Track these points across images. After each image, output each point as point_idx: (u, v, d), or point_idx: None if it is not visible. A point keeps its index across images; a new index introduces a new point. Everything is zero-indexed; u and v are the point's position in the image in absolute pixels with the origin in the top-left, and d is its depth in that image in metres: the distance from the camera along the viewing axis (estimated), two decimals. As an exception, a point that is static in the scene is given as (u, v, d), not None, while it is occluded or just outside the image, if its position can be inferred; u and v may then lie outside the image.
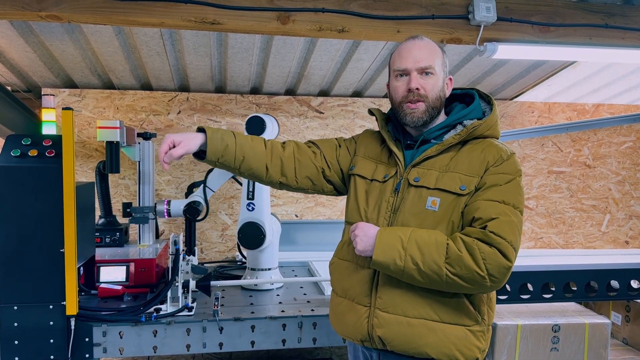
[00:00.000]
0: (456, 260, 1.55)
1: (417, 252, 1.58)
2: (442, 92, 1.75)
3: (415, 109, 1.71)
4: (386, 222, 1.71)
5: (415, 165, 1.72)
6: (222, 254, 3.60)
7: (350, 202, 1.87)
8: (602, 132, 4.00)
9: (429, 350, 1.63)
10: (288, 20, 2.25)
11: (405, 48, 1.75)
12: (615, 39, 2.52)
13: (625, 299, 2.88)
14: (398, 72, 1.74)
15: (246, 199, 2.78)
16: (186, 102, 3.51)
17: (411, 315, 1.65)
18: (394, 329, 1.65)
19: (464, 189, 1.64)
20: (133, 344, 2.31)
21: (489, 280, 1.55)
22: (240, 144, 1.84)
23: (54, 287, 2.20)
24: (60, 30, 2.67)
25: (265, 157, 1.88)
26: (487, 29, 2.41)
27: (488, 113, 1.78)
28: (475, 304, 1.67)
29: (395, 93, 1.76)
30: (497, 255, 1.54)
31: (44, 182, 2.19)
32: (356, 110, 3.69)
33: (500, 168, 1.65)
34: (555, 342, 2.64)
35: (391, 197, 1.73)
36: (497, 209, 1.59)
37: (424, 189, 1.68)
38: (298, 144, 1.96)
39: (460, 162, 1.69)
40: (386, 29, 2.36)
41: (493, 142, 1.73)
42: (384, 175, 1.78)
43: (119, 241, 3.05)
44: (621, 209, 4.06)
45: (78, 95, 3.40)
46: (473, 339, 1.66)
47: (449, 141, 1.71)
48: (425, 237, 1.60)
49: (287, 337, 2.41)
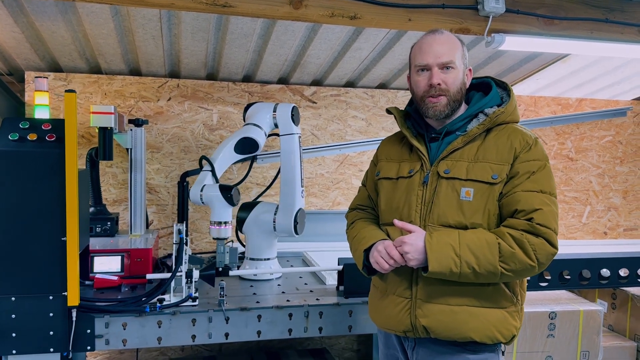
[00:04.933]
0: (510, 257, 1.60)
1: (471, 257, 1.61)
2: (462, 85, 1.78)
3: (437, 103, 1.74)
4: (418, 215, 1.74)
5: (443, 158, 1.74)
6: (213, 244, 3.53)
7: (382, 204, 1.89)
8: (584, 126, 4.11)
9: (473, 335, 1.68)
10: (300, 5, 2.22)
11: (425, 43, 1.77)
12: (615, 33, 2.59)
13: (615, 286, 2.98)
14: (419, 67, 1.77)
15: (300, 186, 2.79)
16: (177, 89, 3.42)
17: (454, 303, 1.69)
18: (438, 317, 1.69)
19: (495, 177, 1.67)
20: (137, 335, 2.24)
21: (538, 267, 1.63)
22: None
23: (55, 278, 2.12)
24: (53, 10, 2.55)
25: None
26: (495, 21, 2.44)
27: (506, 99, 1.81)
28: (511, 287, 1.74)
29: (416, 87, 1.79)
30: (545, 245, 1.61)
31: (45, 168, 2.10)
32: (349, 101, 3.68)
33: (530, 155, 1.69)
34: (551, 329, 2.71)
35: (420, 191, 1.75)
36: (538, 200, 1.64)
37: (456, 180, 1.71)
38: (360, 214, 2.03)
39: (488, 151, 1.71)
40: (397, 17, 2.36)
41: (516, 127, 1.77)
42: (409, 170, 1.81)
43: (110, 231, 2.95)
44: (600, 201, 4.19)
45: (64, 79, 3.26)
46: (510, 319, 1.73)
47: (473, 132, 1.74)
48: (475, 240, 1.63)
49: (293, 327, 2.39)
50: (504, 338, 1.72)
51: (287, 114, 2.78)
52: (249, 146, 2.74)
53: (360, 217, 2.00)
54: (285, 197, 2.78)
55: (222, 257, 2.60)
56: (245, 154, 2.76)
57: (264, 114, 2.81)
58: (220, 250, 2.61)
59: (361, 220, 1.98)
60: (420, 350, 1.78)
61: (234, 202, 2.60)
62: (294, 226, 2.73)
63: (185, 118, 3.44)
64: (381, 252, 1.72)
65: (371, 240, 1.79)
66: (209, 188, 2.61)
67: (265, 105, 2.85)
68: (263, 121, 2.79)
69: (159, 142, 3.42)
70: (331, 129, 3.68)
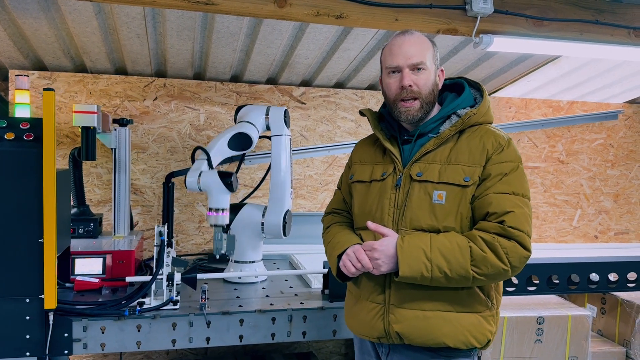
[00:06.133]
0: (482, 261, 1.58)
1: (442, 261, 1.58)
2: (434, 86, 1.76)
3: (410, 107, 1.72)
4: (391, 218, 1.72)
5: (416, 161, 1.72)
6: (199, 246, 3.49)
7: (355, 208, 1.87)
8: (576, 129, 4.08)
9: (447, 340, 1.65)
10: (285, 4, 2.18)
11: (395, 44, 1.74)
12: (605, 35, 2.56)
13: (604, 291, 2.95)
14: (390, 68, 1.74)
15: (290, 187, 2.76)
16: (163, 88, 3.38)
17: (427, 308, 1.66)
18: (412, 323, 1.66)
19: (467, 180, 1.65)
20: (115, 339, 2.20)
21: (512, 271, 1.60)
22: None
23: (32, 280, 2.07)
24: (35, 7, 2.51)
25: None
26: (483, 21, 2.41)
27: (479, 100, 1.79)
28: (486, 290, 1.71)
29: (388, 90, 1.76)
30: (517, 248, 1.58)
31: (23, 168, 2.05)
32: (338, 102, 3.64)
33: (502, 156, 1.67)
34: (539, 334, 2.68)
35: (392, 194, 1.73)
36: (510, 202, 1.61)
37: (428, 183, 1.68)
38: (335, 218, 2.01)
39: (461, 153, 1.69)
40: (384, 16, 2.32)
41: (489, 128, 1.75)
42: (382, 173, 1.78)
43: (93, 232, 2.90)
44: (591, 205, 4.16)
45: (48, 78, 3.21)
46: (485, 324, 1.70)
47: (445, 133, 1.72)
48: (447, 244, 1.60)
49: (276, 331, 2.34)
50: (478, 343, 1.68)
51: (279, 116, 2.77)
52: (243, 142, 2.69)
53: (336, 221, 1.97)
54: (274, 197, 2.75)
55: (219, 244, 2.53)
56: (238, 150, 2.72)
57: (257, 114, 2.79)
58: (218, 238, 2.54)
59: (336, 224, 1.94)
60: (394, 357, 1.75)
61: (233, 188, 2.54)
62: (283, 227, 2.69)
63: (172, 118, 3.40)
64: (350, 256, 1.70)
65: (345, 245, 1.76)
66: (208, 174, 2.54)
67: (258, 107, 2.83)
68: (257, 121, 2.77)
69: (145, 142, 3.37)
70: (320, 130, 3.65)
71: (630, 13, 2.60)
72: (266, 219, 2.70)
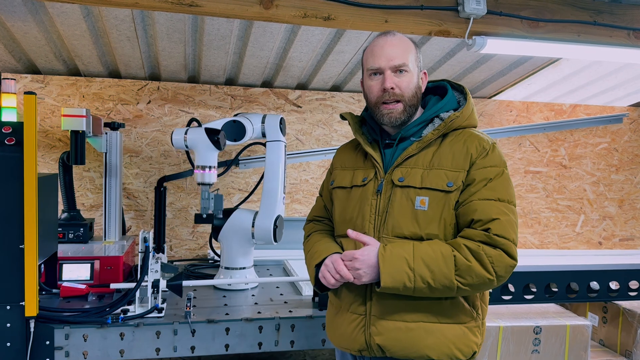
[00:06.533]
0: (466, 270, 1.52)
1: (425, 271, 1.52)
2: (417, 89, 1.70)
3: (393, 110, 1.66)
4: (372, 225, 1.66)
5: (398, 165, 1.66)
6: (193, 251, 3.45)
7: (336, 215, 1.81)
8: (579, 133, 4.00)
9: (430, 352, 1.59)
10: (271, 5, 2.13)
11: (377, 45, 1.69)
12: (603, 36, 2.49)
13: (604, 300, 2.86)
14: (372, 70, 1.69)
15: (282, 193, 2.72)
16: (157, 92, 3.35)
17: (409, 319, 1.60)
18: (393, 335, 1.60)
19: (451, 185, 1.59)
20: (98, 348, 2.15)
21: (497, 281, 1.54)
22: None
23: (12, 287, 2.04)
24: (22, 10, 2.48)
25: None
26: (476, 23, 2.34)
27: (463, 103, 1.73)
28: (470, 300, 1.65)
29: (370, 93, 1.70)
30: (503, 257, 1.52)
31: (4, 173, 2.02)
32: (335, 105, 3.59)
33: (487, 161, 1.61)
34: (536, 344, 2.60)
35: (374, 200, 1.67)
36: (496, 209, 1.55)
37: (411, 188, 1.62)
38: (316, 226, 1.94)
39: (444, 157, 1.63)
40: (374, 18, 2.27)
41: (473, 132, 1.69)
42: (363, 178, 1.72)
43: (83, 237, 2.88)
44: (595, 210, 4.07)
45: (41, 81, 3.19)
46: (470, 335, 1.63)
47: (428, 137, 1.67)
48: (430, 253, 1.54)
49: (263, 340, 2.29)
50: (463, 355, 1.61)
51: (275, 123, 2.74)
52: (236, 130, 2.64)
53: (316, 229, 1.91)
54: (266, 203, 2.71)
55: (206, 203, 2.47)
56: (230, 138, 2.66)
57: (255, 118, 2.76)
58: (205, 197, 2.47)
59: (316, 232, 1.88)
60: None
61: (220, 145, 2.48)
62: (274, 232, 2.64)
63: (166, 122, 3.36)
64: (328, 267, 1.63)
65: (323, 254, 1.70)
66: (194, 131, 2.48)
67: (256, 114, 2.81)
68: (254, 122, 2.73)
69: (138, 146, 3.34)
70: (316, 133, 3.60)
71: (629, 14, 2.52)
72: (257, 224, 2.65)
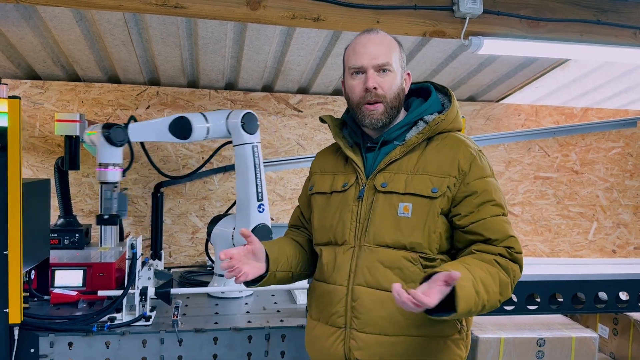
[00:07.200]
0: (505, 287, 1.47)
1: (484, 293, 1.40)
2: (400, 90, 1.62)
3: (374, 110, 1.58)
4: (352, 233, 1.58)
5: (381, 170, 1.58)
6: (192, 258, 3.40)
7: (314, 222, 1.71)
8: (590, 137, 3.87)
9: None
10: (258, 6, 2.07)
11: (359, 43, 1.61)
12: (608, 36, 2.38)
13: (613, 311, 2.74)
14: (353, 69, 1.61)
15: (256, 200, 2.58)
16: (156, 97, 3.32)
17: (391, 333, 1.51)
18: (374, 350, 1.51)
19: (435, 191, 1.51)
20: (83, 356, 2.12)
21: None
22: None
23: (-5, 293, 2.01)
24: (15, 15, 2.47)
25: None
26: (472, 22, 2.26)
27: (447, 105, 1.66)
28: None
29: (351, 93, 1.62)
30: (519, 270, 1.52)
31: (-14, 178, 1.99)
32: (336, 110, 3.53)
33: (481, 171, 1.54)
34: (540, 357, 2.50)
35: (355, 206, 1.59)
36: (505, 224, 1.52)
37: (394, 194, 1.54)
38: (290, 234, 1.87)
39: (429, 162, 1.56)
40: (365, 18, 2.20)
41: (458, 137, 1.62)
42: (343, 184, 1.65)
43: (79, 243, 2.85)
44: (609, 217, 3.93)
45: (41, 87, 3.19)
46: (455, 348, 1.56)
47: (412, 141, 1.59)
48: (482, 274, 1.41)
49: (252, 351, 2.23)
50: None
51: (237, 120, 2.55)
52: (181, 127, 2.51)
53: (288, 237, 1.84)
54: (240, 211, 2.62)
55: (108, 203, 2.34)
56: (178, 136, 2.53)
57: (218, 115, 2.64)
58: (107, 196, 2.34)
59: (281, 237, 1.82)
60: None
61: (113, 140, 2.34)
62: None
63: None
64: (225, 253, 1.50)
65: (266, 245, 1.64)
66: (94, 127, 2.36)
67: (223, 110, 2.68)
68: (214, 120, 2.60)
69: (137, 152, 3.31)
70: (318, 138, 3.54)
71: (635, 12, 2.41)
72: (235, 234, 2.59)
